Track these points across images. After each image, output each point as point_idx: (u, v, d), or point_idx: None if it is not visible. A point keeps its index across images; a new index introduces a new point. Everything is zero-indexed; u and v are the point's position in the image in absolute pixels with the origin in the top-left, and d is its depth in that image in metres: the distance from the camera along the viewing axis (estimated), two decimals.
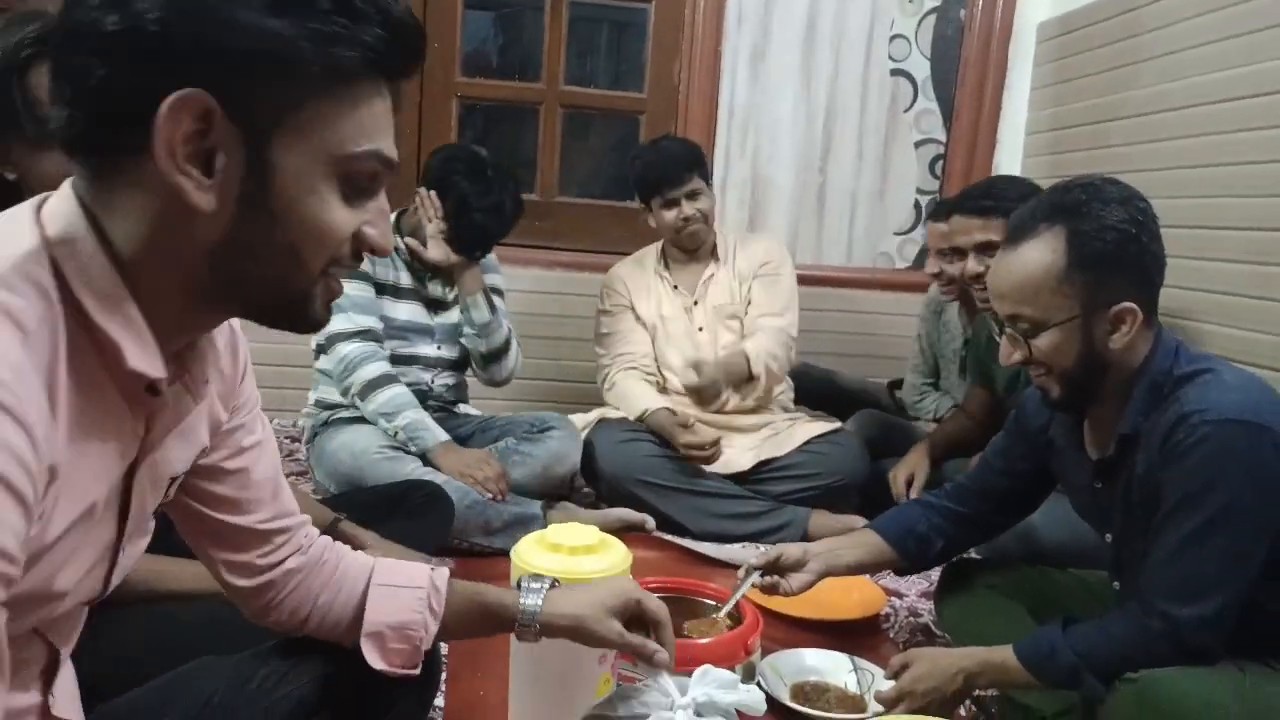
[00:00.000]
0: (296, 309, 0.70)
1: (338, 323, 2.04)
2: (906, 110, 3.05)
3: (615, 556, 1.25)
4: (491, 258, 2.32)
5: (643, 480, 2.21)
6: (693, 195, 2.35)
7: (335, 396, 2.10)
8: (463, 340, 2.27)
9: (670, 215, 2.36)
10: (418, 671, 0.96)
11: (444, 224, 2.13)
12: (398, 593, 0.95)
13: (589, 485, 2.31)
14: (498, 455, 2.11)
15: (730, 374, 2.28)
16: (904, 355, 2.96)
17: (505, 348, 2.28)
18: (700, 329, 2.44)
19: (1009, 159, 3.01)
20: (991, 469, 1.56)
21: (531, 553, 1.24)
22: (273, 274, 0.66)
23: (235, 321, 0.81)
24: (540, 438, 2.20)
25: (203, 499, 0.84)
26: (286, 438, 2.77)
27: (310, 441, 2.15)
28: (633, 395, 2.35)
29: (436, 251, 2.14)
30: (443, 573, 1.00)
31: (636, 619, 1.02)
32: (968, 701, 1.44)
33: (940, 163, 3.08)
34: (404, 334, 2.19)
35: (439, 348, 2.25)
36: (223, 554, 0.89)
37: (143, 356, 0.64)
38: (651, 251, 2.55)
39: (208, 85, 0.59)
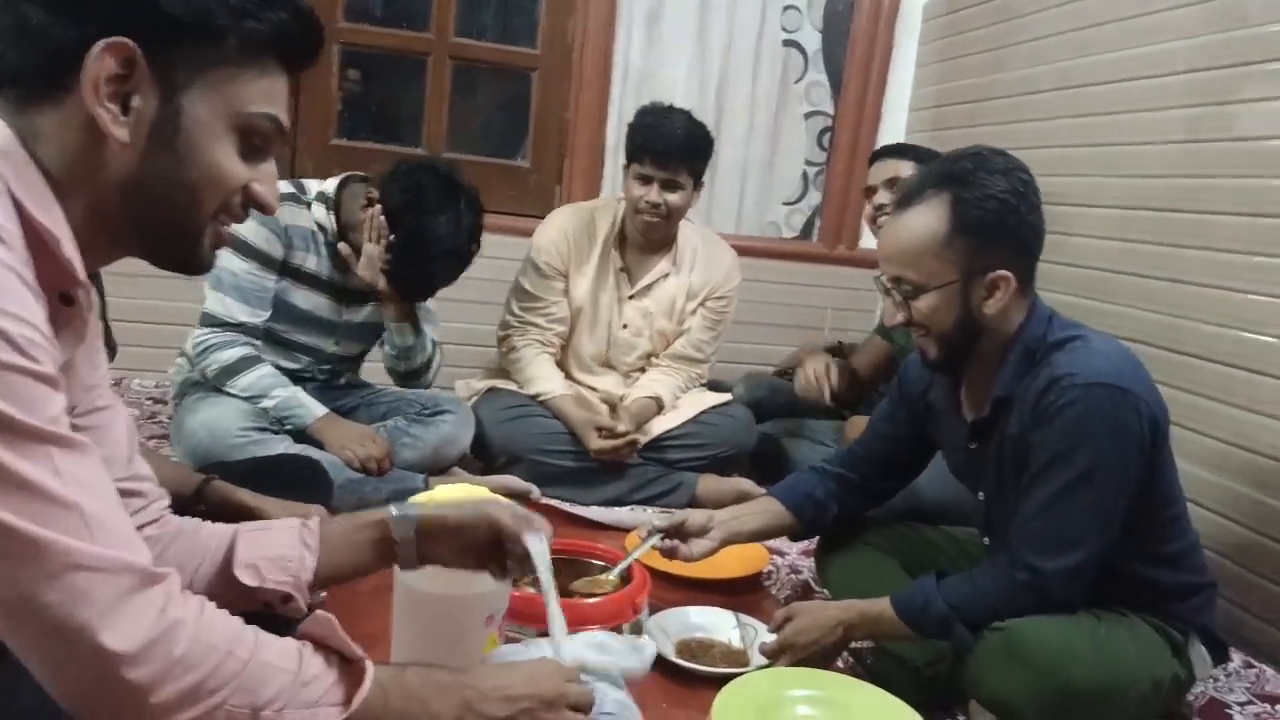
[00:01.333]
0: (187, 248, 0.78)
1: (212, 302, 1.88)
2: (797, 81, 3.10)
3: None
4: None
5: (534, 456, 2.16)
6: (669, 184, 2.17)
7: None
8: (382, 348, 2.11)
9: (637, 190, 2.19)
10: (303, 608, 0.93)
11: (385, 255, 1.88)
12: (266, 533, 0.95)
13: (476, 456, 2.22)
14: (385, 435, 2.01)
15: (640, 421, 2.24)
16: (791, 323, 3.02)
17: (426, 366, 2.12)
18: (625, 326, 2.34)
19: (893, 133, 3.10)
20: (878, 434, 1.62)
21: None
22: (172, 211, 0.75)
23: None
24: (432, 420, 2.09)
25: None
26: (149, 399, 2.61)
27: (179, 400, 1.98)
28: (537, 374, 2.26)
29: (367, 271, 1.90)
30: (313, 516, 0.99)
31: (499, 552, 1.02)
32: (845, 653, 1.49)
33: (828, 135, 3.15)
34: (300, 325, 2.00)
35: (337, 344, 2.07)
36: None
37: (74, 252, 0.71)
38: (609, 215, 2.33)
39: (135, 37, 0.69)
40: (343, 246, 1.94)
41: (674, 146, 2.14)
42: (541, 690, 0.84)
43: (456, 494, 1.24)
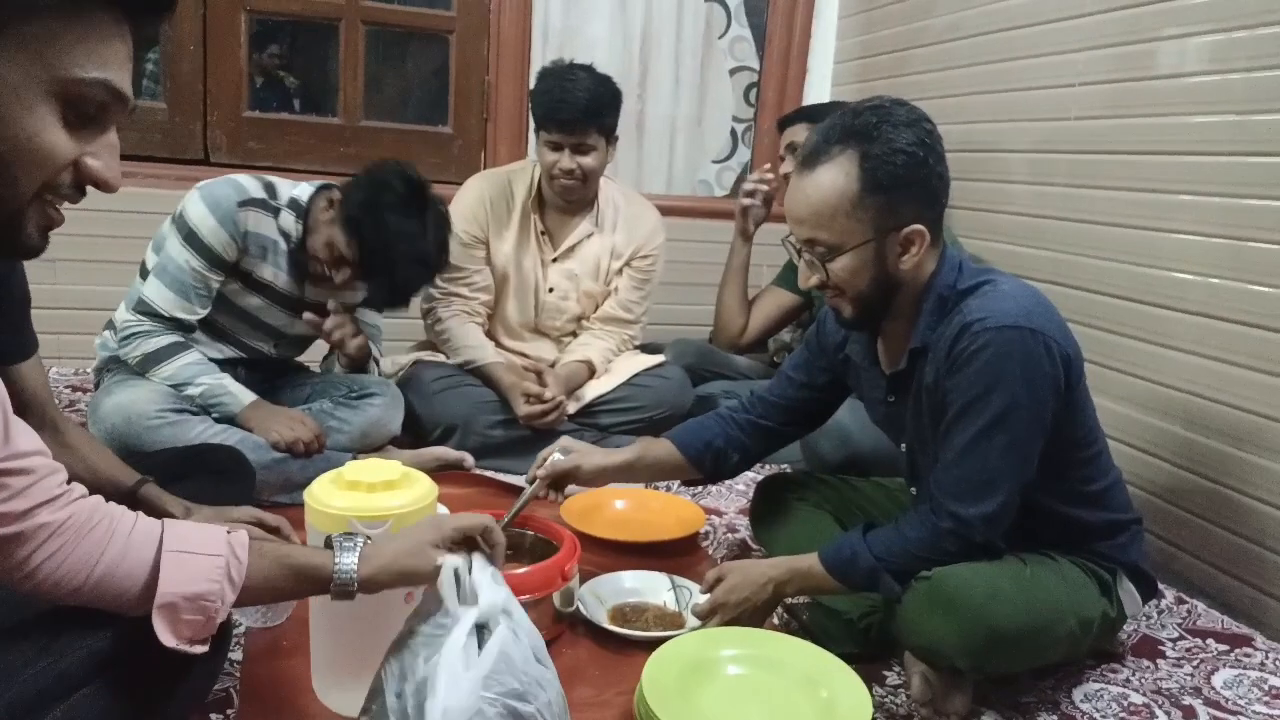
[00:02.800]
0: (5, 231, 0.68)
1: (151, 290, 1.80)
2: (720, 37, 3.05)
3: (418, 490, 1.19)
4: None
5: (468, 427, 2.12)
6: (580, 148, 2.11)
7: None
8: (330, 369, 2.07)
9: (549, 156, 2.14)
10: (206, 648, 0.89)
11: (348, 270, 1.81)
12: (193, 560, 0.88)
13: (406, 431, 2.15)
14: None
15: (571, 386, 2.20)
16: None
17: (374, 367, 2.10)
18: (551, 290, 2.30)
19: (819, 87, 3.08)
20: (792, 381, 1.60)
21: (327, 493, 1.16)
22: None
23: None
24: (359, 404, 2.00)
25: None
26: (67, 387, 2.50)
27: (98, 379, 1.90)
28: (466, 343, 2.22)
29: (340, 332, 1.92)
30: (241, 537, 0.92)
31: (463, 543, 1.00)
32: (780, 609, 1.49)
33: (754, 90, 3.11)
34: (244, 325, 1.93)
35: (275, 348, 2.00)
36: None
37: None
38: (525, 178, 2.27)
39: None
40: (313, 265, 1.85)
41: (578, 112, 2.08)
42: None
43: (371, 471, 1.19)
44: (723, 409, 1.66)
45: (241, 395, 1.84)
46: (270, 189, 1.87)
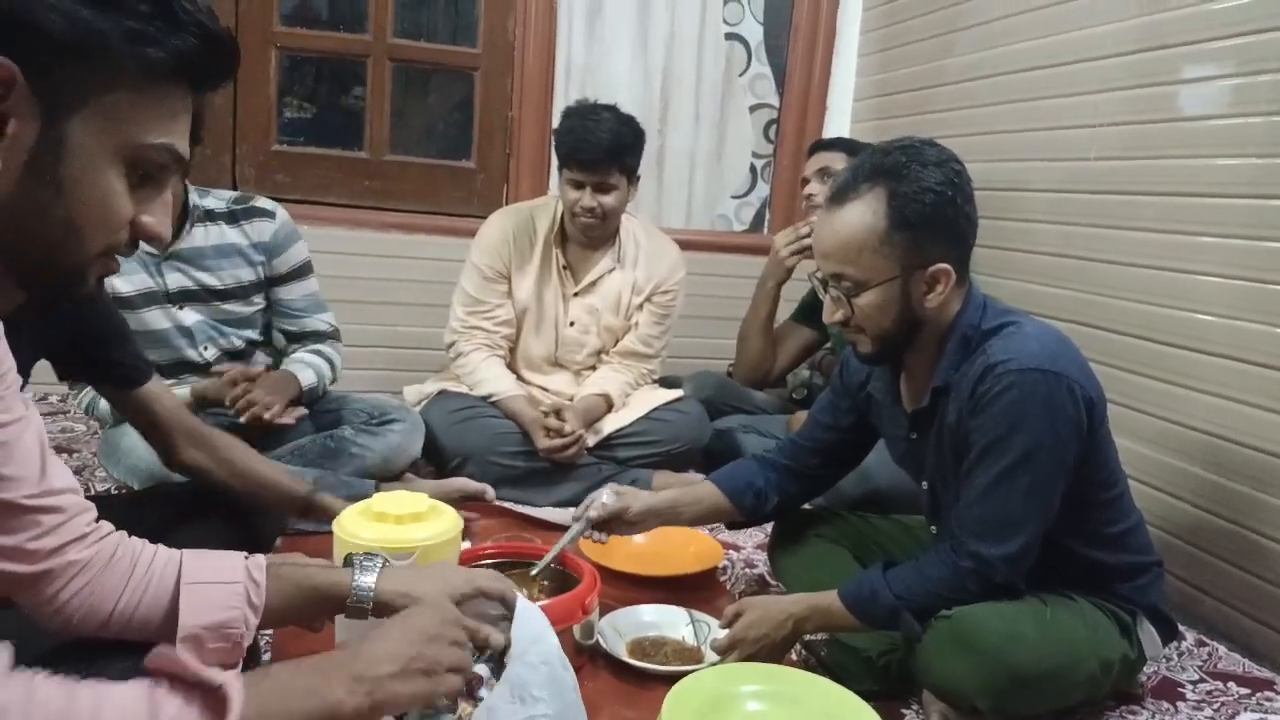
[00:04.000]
0: (70, 282, 0.72)
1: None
2: (741, 74, 3.09)
3: (444, 524, 1.21)
4: (279, 223, 1.96)
5: (486, 457, 2.13)
6: (602, 187, 2.14)
7: None
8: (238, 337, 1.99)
9: (571, 194, 2.16)
10: (239, 666, 0.90)
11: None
12: (211, 590, 0.89)
13: (428, 460, 2.19)
14: (332, 446, 1.98)
15: (589, 420, 2.21)
16: (743, 316, 3.01)
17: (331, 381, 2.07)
18: (571, 324, 2.32)
19: (838, 123, 3.11)
20: (820, 425, 1.61)
21: (355, 524, 1.18)
22: (48, 244, 0.68)
23: None
24: (380, 430, 2.03)
25: None
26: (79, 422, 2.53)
27: (108, 421, 1.93)
28: (486, 375, 2.24)
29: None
30: (259, 561, 0.94)
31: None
32: (798, 646, 1.49)
33: (774, 127, 3.15)
34: (157, 348, 1.87)
35: (205, 349, 1.94)
36: None
37: None
38: (548, 213, 2.29)
39: (14, 56, 0.62)
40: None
41: (601, 152, 2.10)
42: (425, 631, 0.82)
43: (399, 503, 1.21)
44: (760, 453, 1.67)
45: (183, 389, 1.85)
46: None
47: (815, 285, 1.39)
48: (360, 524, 1.18)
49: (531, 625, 0.98)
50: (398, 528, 1.17)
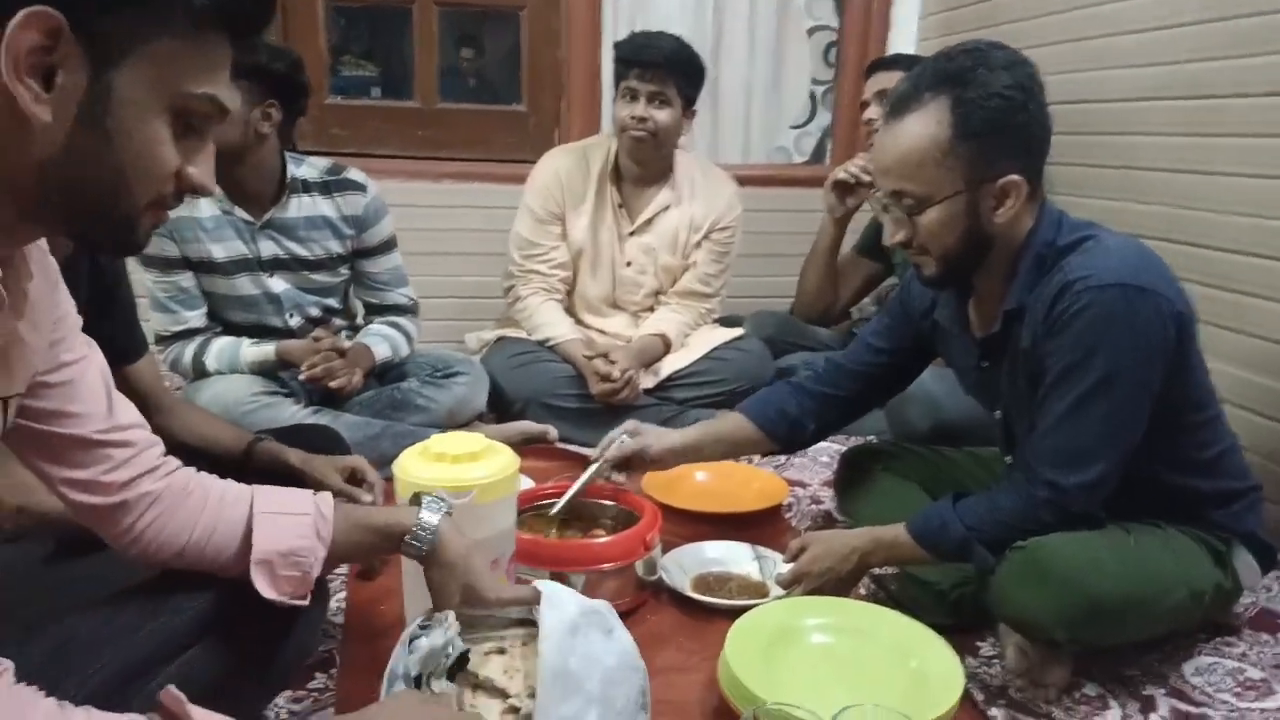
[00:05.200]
0: (120, 233, 0.72)
1: (152, 323, 1.86)
2: None
3: (501, 462, 1.20)
4: (370, 197, 1.97)
5: (545, 401, 2.14)
6: (657, 99, 2.11)
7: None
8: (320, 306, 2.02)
9: (624, 109, 2.13)
10: (307, 601, 0.95)
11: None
12: (283, 520, 0.94)
13: (491, 408, 2.18)
14: (399, 398, 2.00)
15: (645, 360, 2.18)
16: (806, 253, 2.94)
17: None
18: (628, 264, 2.29)
19: (903, 42, 2.95)
20: (870, 348, 1.55)
21: (414, 464, 1.18)
22: (99, 194, 0.68)
23: (41, 248, 0.80)
24: (445, 383, 2.05)
25: (31, 415, 0.82)
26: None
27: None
28: (544, 320, 2.24)
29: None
30: (326, 498, 0.98)
31: None
32: (867, 580, 1.45)
33: (834, 50, 3.01)
34: (240, 311, 1.94)
35: (290, 317, 1.97)
36: (62, 470, 0.85)
37: None
38: (602, 151, 2.26)
39: (62, 6, 0.61)
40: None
41: (661, 56, 2.08)
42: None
43: (456, 443, 1.20)
44: (795, 378, 1.61)
45: (270, 345, 1.90)
46: None
47: (874, 206, 1.32)
48: (418, 464, 1.17)
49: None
50: (455, 467, 1.16)
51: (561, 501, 1.45)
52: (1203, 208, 1.92)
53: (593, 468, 1.49)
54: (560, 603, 0.95)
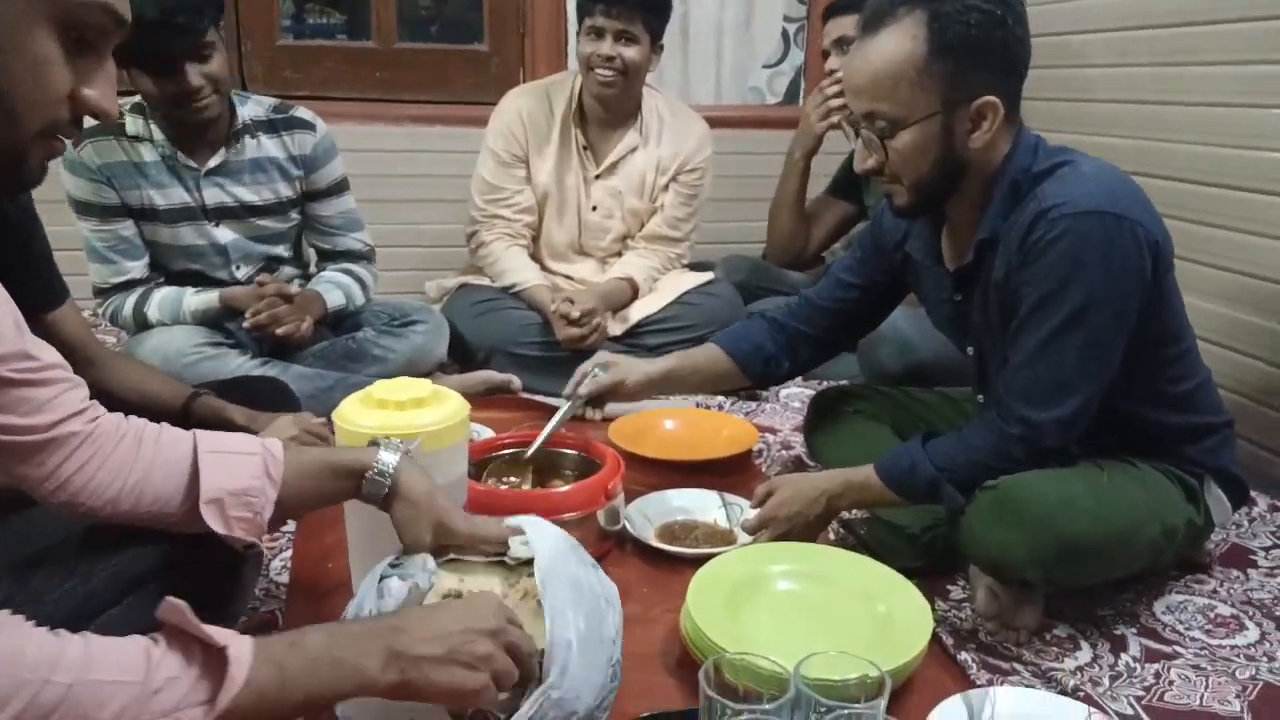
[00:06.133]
0: (8, 166, 0.66)
1: (91, 274, 1.78)
2: None
3: (449, 408, 1.14)
4: (319, 136, 1.87)
5: (510, 349, 2.08)
6: (624, 37, 2.01)
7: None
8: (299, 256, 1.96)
9: (588, 48, 2.03)
10: (261, 543, 0.90)
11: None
12: (231, 459, 0.88)
13: (452, 357, 2.11)
14: (354, 348, 1.93)
15: (611, 304, 2.12)
16: None
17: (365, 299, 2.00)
18: (594, 208, 2.22)
19: None
20: (841, 284, 1.50)
21: (355, 412, 1.12)
22: None
23: None
24: (403, 332, 1.96)
25: None
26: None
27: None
28: (508, 266, 2.16)
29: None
30: (275, 440, 0.92)
31: None
32: (835, 524, 1.42)
33: None
34: (185, 260, 1.84)
35: (238, 269, 1.87)
36: None
37: None
38: (565, 90, 2.17)
39: None
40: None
41: None
42: (479, 623, 0.76)
43: (400, 389, 1.14)
44: (769, 312, 1.56)
45: (214, 291, 1.82)
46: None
47: (844, 131, 1.26)
48: (360, 412, 1.11)
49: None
50: (399, 414, 1.10)
51: (538, 441, 1.41)
52: (1174, 139, 1.88)
53: (568, 405, 1.45)
54: (545, 530, 0.93)
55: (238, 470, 0.87)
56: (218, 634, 0.66)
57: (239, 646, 0.66)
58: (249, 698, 0.65)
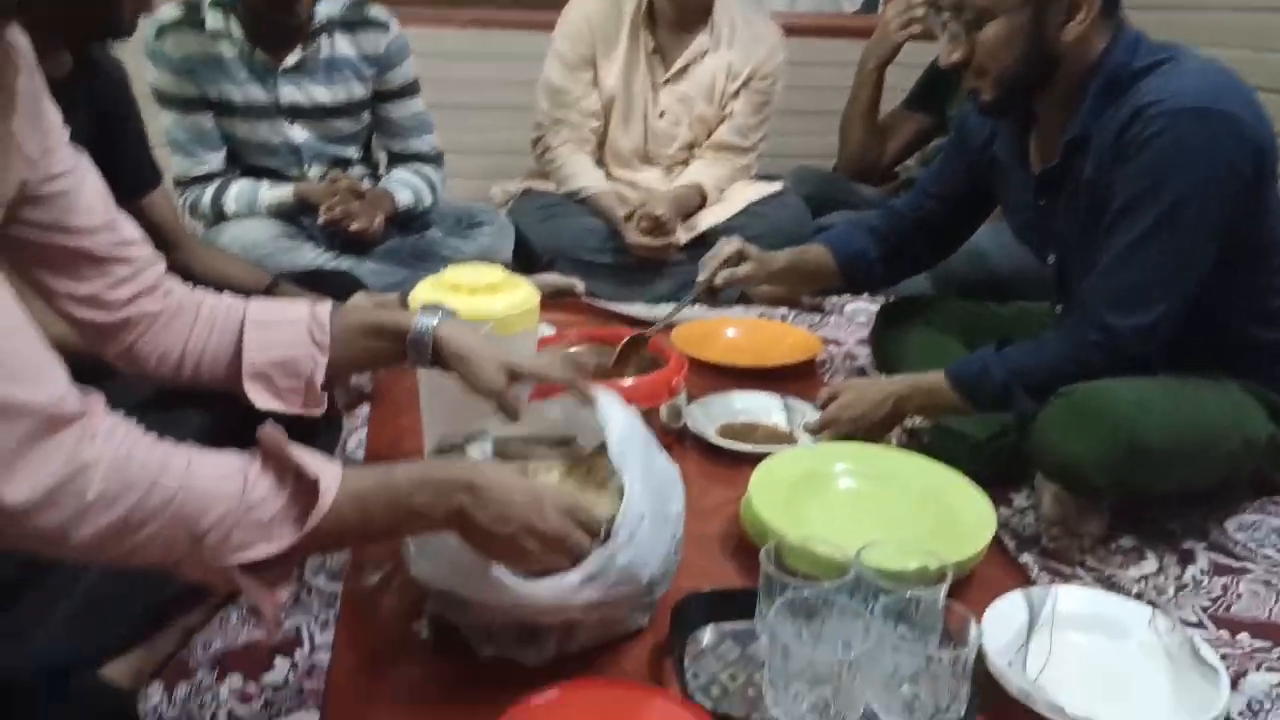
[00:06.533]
0: (106, 25, 0.73)
1: (171, 166, 1.79)
2: None
3: (520, 295, 1.15)
4: (392, 35, 1.87)
5: (575, 256, 2.08)
6: None
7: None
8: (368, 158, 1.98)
9: None
10: (322, 410, 0.92)
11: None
12: (274, 328, 0.90)
13: (516, 262, 2.09)
14: (422, 248, 1.95)
15: (681, 210, 2.08)
16: None
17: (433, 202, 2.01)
18: (662, 114, 2.18)
19: None
20: (926, 193, 1.47)
21: (429, 296, 1.15)
22: None
23: (24, 46, 0.74)
24: (470, 233, 2.00)
25: (30, 226, 0.78)
26: None
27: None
28: (574, 171, 2.15)
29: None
30: (324, 305, 0.93)
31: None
32: (899, 431, 1.41)
33: None
34: (260, 156, 1.87)
35: (309, 168, 1.90)
36: (65, 284, 0.82)
37: None
38: None
39: None
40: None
41: None
42: (544, 522, 0.79)
43: (473, 274, 1.15)
44: (865, 220, 1.56)
45: (286, 187, 1.85)
46: (190, 6, 1.75)
47: (932, 23, 1.21)
48: (433, 295, 1.13)
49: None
50: (471, 298, 1.12)
51: (656, 326, 1.44)
52: None
53: (693, 294, 1.50)
54: (617, 405, 0.94)
55: (281, 340, 0.89)
56: (310, 463, 0.69)
57: (329, 478, 0.69)
58: (332, 525, 0.68)
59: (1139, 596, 1.09)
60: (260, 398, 0.88)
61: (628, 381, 1.35)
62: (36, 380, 0.58)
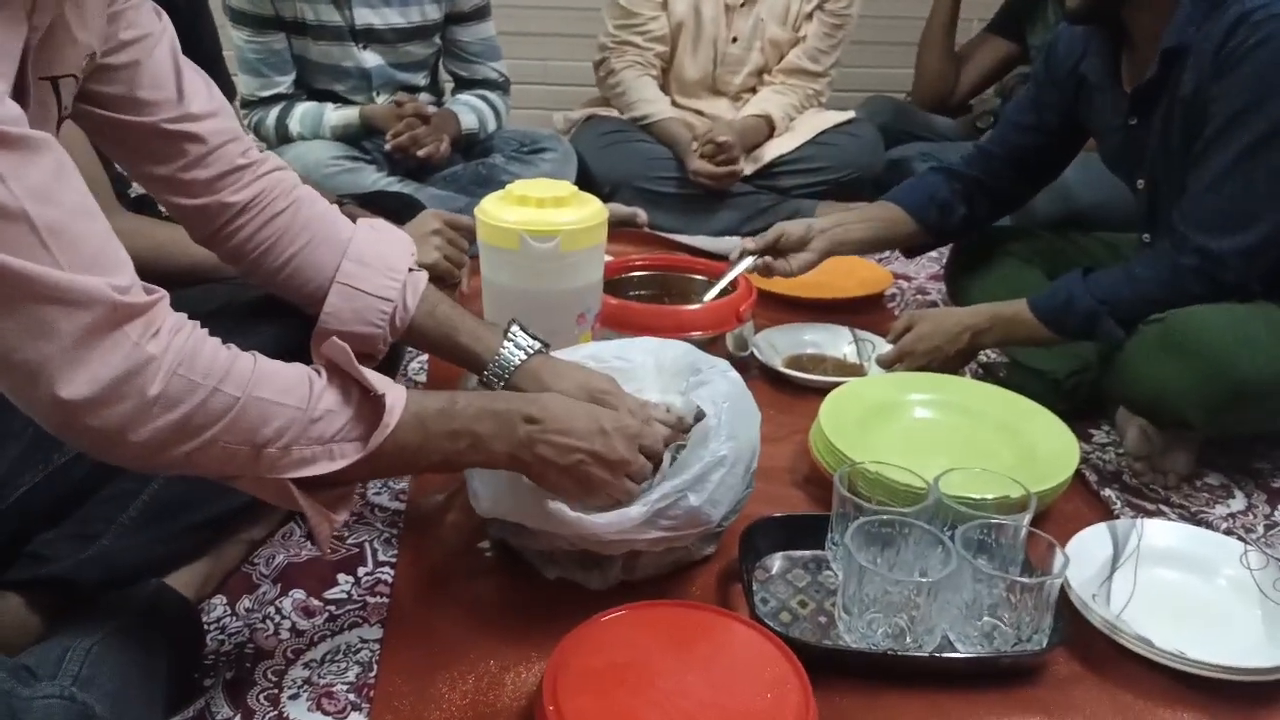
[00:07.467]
0: None
1: (240, 85, 1.80)
2: None
3: (588, 209, 1.13)
4: (488, 33, 1.94)
5: (639, 185, 2.04)
6: None
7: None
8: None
9: None
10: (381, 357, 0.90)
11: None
12: (360, 299, 0.86)
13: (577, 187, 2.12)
14: (484, 173, 1.93)
15: (747, 140, 2.02)
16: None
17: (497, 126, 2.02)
18: (734, 39, 2.10)
19: None
20: (1016, 126, 1.39)
21: (498, 209, 1.12)
22: None
23: None
24: (532, 159, 1.99)
25: (97, 101, 0.74)
26: None
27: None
28: (639, 97, 2.09)
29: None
30: (420, 277, 0.90)
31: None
32: (975, 366, 1.36)
33: None
34: (332, 80, 1.87)
35: (377, 94, 1.90)
36: (142, 165, 0.79)
37: None
38: None
39: None
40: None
41: None
42: (608, 449, 0.77)
43: (542, 188, 1.13)
44: (942, 164, 1.47)
45: (352, 109, 1.86)
46: None
47: None
48: (502, 208, 1.12)
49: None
50: (539, 211, 1.10)
51: (714, 290, 1.34)
52: None
53: (745, 262, 1.36)
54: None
55: (360, 315, 0.85)
56: (376, 380, 0.68)
57: (394, 397, 0.68)
58: (392, 446, 0.67)
59: (1227, 534, 1.04)
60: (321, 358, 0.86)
61: (693, 307, 1.32)
62: (105, 268, 0.56)
